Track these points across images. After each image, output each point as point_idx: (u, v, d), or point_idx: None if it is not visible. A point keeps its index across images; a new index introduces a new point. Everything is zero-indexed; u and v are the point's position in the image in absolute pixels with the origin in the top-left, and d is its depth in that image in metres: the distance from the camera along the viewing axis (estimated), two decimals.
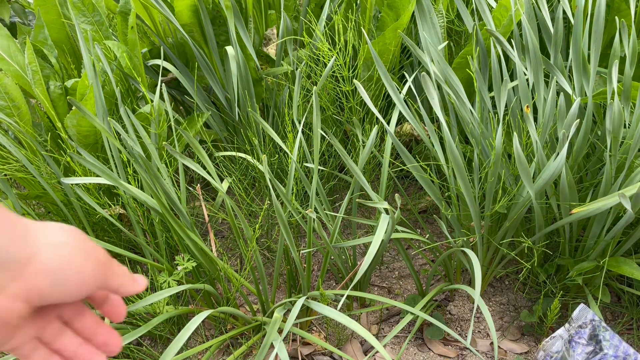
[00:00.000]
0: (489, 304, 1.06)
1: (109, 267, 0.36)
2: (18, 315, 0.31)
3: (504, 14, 1.00)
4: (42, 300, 0.32)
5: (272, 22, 1.37)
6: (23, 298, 0.31)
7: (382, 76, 0.92)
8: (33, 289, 0.31)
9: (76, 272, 0.33)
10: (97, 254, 0.35)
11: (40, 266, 0.31)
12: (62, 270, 0.32)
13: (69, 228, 0.34)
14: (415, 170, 0.92)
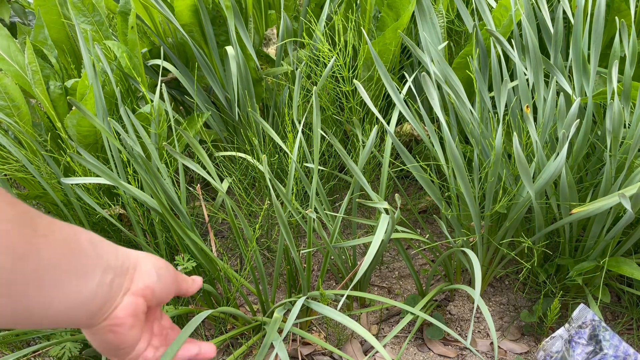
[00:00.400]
0: (489, 304, 1.06)
1: (177, 272, 0.43)
2: (142, 310, 0.38)
3: (504, 14, 1.00)
4: (153, 297, 0.39)
5: (272, 22, 1.37)
6: (142, 294, 0.38)
7: (382, 76, 0.92)
8: (147, 287, 0.38)
9: (167, 274, 0.41)
10: (166, 262, 0.42)
11: (145, 270, 0.39)
12: (160, 272, 0.40)
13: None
14: (415, 170, 0.92)
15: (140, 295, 0.38)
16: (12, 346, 0.97)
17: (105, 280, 0.35)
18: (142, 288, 0.38)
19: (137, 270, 0.38)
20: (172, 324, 0.45)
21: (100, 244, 0.36)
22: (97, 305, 0.35)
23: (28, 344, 0.97)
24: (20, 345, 0.97)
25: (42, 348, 0.89)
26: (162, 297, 0.40)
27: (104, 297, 0.35)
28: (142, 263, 0.39)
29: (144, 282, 0.38)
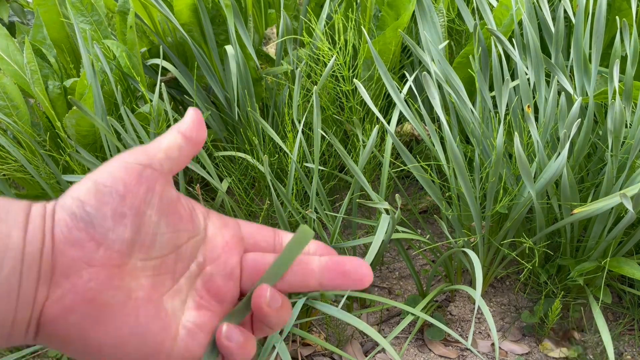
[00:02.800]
0: (490, 305, 1.06)
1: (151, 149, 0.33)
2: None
3: (504, 13, 1.00)
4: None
5: (272, 21, 1.37)
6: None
7: (382, 75, 0.91)
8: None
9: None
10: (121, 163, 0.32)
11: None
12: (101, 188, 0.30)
13: None
14: (415, 171, 0.91)
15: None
16: (12, 347, 0.97)
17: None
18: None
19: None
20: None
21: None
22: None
23: (27, 345, 0.97)
24: (19, 346, 0.97)
25: (42, 349, 0.89)
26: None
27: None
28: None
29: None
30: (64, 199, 0.26)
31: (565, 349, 0.97)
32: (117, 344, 0.26)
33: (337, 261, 0.29)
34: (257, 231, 0.32)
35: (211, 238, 0.30)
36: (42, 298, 0.24)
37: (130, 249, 0.26)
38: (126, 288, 0.26)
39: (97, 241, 0.25)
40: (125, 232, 0.26)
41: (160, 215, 0.27)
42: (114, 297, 0.25)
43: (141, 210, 0.27)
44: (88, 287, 0.25)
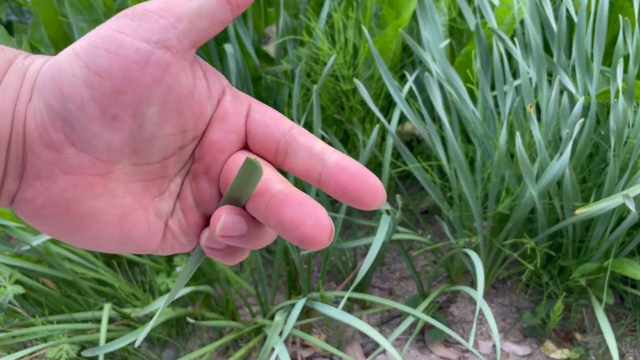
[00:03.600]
0: (491, 306, 1.05)
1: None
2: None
3: (506, 12, 0.99)
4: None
5: (271, 19, 1.36)
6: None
7: (383, 75, 0.91)
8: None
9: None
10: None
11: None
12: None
13: None
14: (416, 171, 0.91)
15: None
16: (9, 348, 0.96)
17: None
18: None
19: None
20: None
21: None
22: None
23: (25, 346, 0.96)
24: (17, 347, 0.96)
25: (39, 350, 0.88)
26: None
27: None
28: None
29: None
30: (44, 76, 0.21)
31: (567, 350, 0.96)
32: (96, 245, 0.23)
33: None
34: (270, 124, 0.24)
35: (210, 131, 0.24)
36: (11, 189, 0.21)
37: (119, 156, 0.22)
38: (110, 196, 0.22)
39: (78, 147, 0.21)
40: (115, 138, 0.21)
41: (164, 114, 0.22)
42: (93, 207, 0.22)
43: (140, 110, 0.21)
44: (63, 195, 0.21)
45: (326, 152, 0.23)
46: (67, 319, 0.87)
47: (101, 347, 0.77)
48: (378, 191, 0.22)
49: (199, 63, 0.23)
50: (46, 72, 0.21)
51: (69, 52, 0.21)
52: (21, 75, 0.21)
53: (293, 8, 1.32)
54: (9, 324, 0.87)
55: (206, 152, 0.24)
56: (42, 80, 0.21)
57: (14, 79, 0.21)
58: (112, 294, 0.93)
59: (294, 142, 0.23)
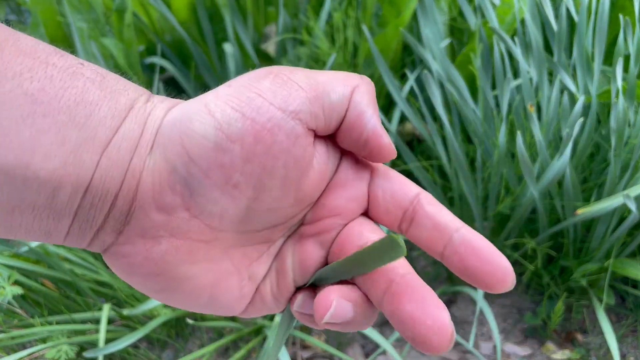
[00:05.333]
0: (492, 306, 1.05)
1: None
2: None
3: (507, 11, 0.99)
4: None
5: (271, 19, 1.36)
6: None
7: (383, 74, 0.90)
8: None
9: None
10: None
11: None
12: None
13: None
14: (417, 170, 0.90)
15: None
16: (8, 349, 0.96)
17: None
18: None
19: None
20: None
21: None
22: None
23: (24, 347, 0.96)
24: (16, 348, 0.96)
25: (38, 351, 0.88)
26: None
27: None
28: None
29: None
30: (169, 130, 0.19)
31: (568, 350, 0.96)
32: (181, 305, 0.22)
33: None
34: (397, 191, 0.23)
35: (329, 196, 0.23)
36: (106, 240, 0.20)
37: (230, 225, 0.20)
38: (208, 261, 0.21)
39: (192, 212, 0.19)
40: (231, 206, 0.20)
41: (285, 187, 0.20)
42: (189, 272, 0.21)
43: (262, 181, 0.20)
44: (163, 258, 0.20)
45: (453, 225, 0.21)
46: (67, 319, 0.87)
47: (100, 347, 0.77)
48: (507, 276, 0.20)
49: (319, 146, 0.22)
50: (173, 127, 0.19)
51: (201, 108, 0.19)
52: (142, 123, 0.19)
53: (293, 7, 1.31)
54: (8, 325, 0.86)
55: (321, 215, 0.23)
56: (167, 135, 0.19)
57: (133, 127, 0.19)
58: (112, 295, 0.93)
59: (421, 211, 0.22)
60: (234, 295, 0.22)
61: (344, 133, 0.21)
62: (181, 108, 0.20)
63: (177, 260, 0.20)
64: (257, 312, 0.24)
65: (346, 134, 0.21)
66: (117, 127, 0.19)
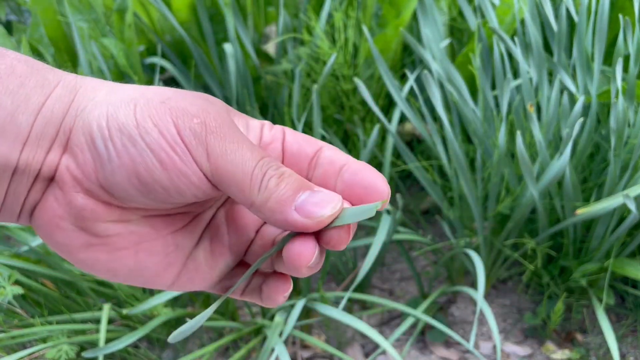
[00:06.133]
0: (492, 306, 1.05)
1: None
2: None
3: (507, 11, 0.99)
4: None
5: (271, 19, 1.36)
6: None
7: (383, 74, 0.90)
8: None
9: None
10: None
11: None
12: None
13: None
14: (417, 170, 0.91)
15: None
16: (8, 348, 0.96)
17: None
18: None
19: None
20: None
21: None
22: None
23: (24, 347, 0.96)
24: (16, 348, 0.96)
25: (38, 350, 0.88)
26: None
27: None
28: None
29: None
30: (98, 108, 0.22)
31: (568, 350, 0.96)
32: (109, 269, 0.24)
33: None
34: (303, 143, 0.26)
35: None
36: (37, 195, 0.23)
37: (137, 203, 0.23)
38: (127, 223, 0.23)
39: (102, 184, 0.22)
40: (134, 191, 0.22)
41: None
42: (109, 230, 0.23)
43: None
44: (82, 214, 0.22)
45: (344, 159, 0.25)
46: (67, 319, 0.87)
47: (101, 347, 0.77)
48: (382, 196, 0.24)
49: (239, 116, 0.26)
50: (100, 105, 0.22)
51: (130, 105, 0.22)
52: (72, 92, 0.22)
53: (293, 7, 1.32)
54: (8, 325, 0.86)
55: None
56: (94, 111, 0.22)
57: (65, 93, 0.22)
58: (112, 295, 0.93)
59: (321, 155, 0.25)
60: (159, 260, 0.24)
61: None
62: (112, 91, 0.23)
63: (95, 217, 0.22)
64: (190, 283, 0.26)
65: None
66: (48, 94, 0.22)
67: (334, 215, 0.23)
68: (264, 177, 0.22)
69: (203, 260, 0.26)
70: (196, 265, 0.26)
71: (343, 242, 0.23)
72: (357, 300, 1.05)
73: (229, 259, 0.26)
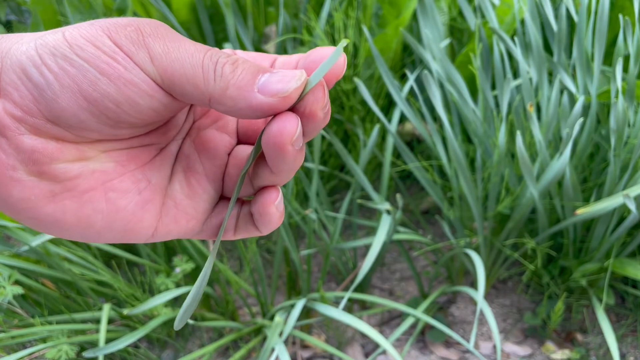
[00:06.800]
0: (492, 306, 1.05)
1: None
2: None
3: (507, 11, 0.99)
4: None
5: (271, 19, 1.36)
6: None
7: (383, 74, 0.90)
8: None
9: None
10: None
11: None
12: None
13: None
14: (417, 170, 0.91)
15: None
16: (9, 348, 0.96)
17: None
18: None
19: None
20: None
21: None
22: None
23: (24, 347, 0.96)
24: (16, 348, 0.96)
25: (38, 350, 0.88)
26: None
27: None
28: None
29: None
30: (15, 53, 0.20)
31: (568, 350, 0.96)
32: (80, 220, 0.22)
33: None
34: (257, 56, 0.25)
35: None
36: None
37: (90, 130, 0.21)
38: (86, 160, 0.21)
39: (46, 116, 0.20)
40: (81, 113, 0.20)
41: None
42: (71, 170, 0.21)
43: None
44: (33, 156, 0.20)
45: (298, 56, 0.24)
46: (67, 319, 0.87)
47: (101, 347, 0.77)
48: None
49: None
50: (32, 40, 0.21)
51: (58, 35, 0.21)
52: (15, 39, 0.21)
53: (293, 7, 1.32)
54: (8, 325, 0.86)
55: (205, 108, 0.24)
56: (24, 47, 0.20)
57: (9, 36, 0.21)
58: (112, 295, 0.93)
59: (276, 62, 0.25)
60: (133, 199, 0.23)
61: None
62: (38, 35, 0.21)
63: (50, 158, 0.20)
64: (175, 223, 0.24)
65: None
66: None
67: (300, 87, 0.21)
68: (217, 65, 0.21)
69: (182, 195, 0.24)
70: (176, 201, 0.24)
71: (319, 104, 0.22)
72: (357, 300, 1.05)
73: (208, 187, 0.25)
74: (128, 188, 0.23)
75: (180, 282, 0.89)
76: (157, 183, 0.24)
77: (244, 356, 0.94)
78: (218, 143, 0.25)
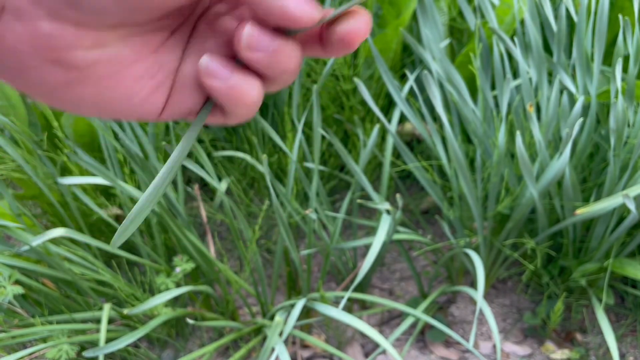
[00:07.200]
0: (492, 306, 1.05)
1: None
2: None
3: (506, 11, 0.99)
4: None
5: None
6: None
7: (383, 74, 0.90)
8: None
9: None
10: None
11: None
12: None
13: None
14: (417, 171, 0.91)
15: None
16: (9, 348, 0.96)
17: None
18: None
19: None
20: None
21: None
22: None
23: (24, 346, 0.96)
24: (16, 348, 0.96)
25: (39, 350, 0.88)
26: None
27: None
28: None
29: None
30: None
31: (568, 350, 0.96)
32: (95, 104, 0.22)
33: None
34: None
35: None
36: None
37: (110, 15, 0.20)
38: (103, 47, 0.21)
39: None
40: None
41: None
42: (87, 57, 0.20)
43: None
44: (50, 42, 0.19)
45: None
46: (67, 319, 0.87)
47: (101, 347, 0.77)
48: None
49: None
50: None
51: None
52: None
53: None
54: (9, 324, 0.86)
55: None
56: None
57: None
58: (112, 294, 0.93)
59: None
60: (146, 83, 0.22)
61: None
62: None
63: (68, 44, 0.20)
64: (181, 105, 0.24)
65: None
66: None
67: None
68: None
69: (190, 77, 0.24)
70: (183, 83, 0.24)
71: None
72: (357, 300, 1.05)
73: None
74: (142, 74, 0.22)
75: (180, 282, 0.89)
76: (169, 66, 0.23)
77: (244, 356, 0.94)
78: (229, 28, 0.24)
